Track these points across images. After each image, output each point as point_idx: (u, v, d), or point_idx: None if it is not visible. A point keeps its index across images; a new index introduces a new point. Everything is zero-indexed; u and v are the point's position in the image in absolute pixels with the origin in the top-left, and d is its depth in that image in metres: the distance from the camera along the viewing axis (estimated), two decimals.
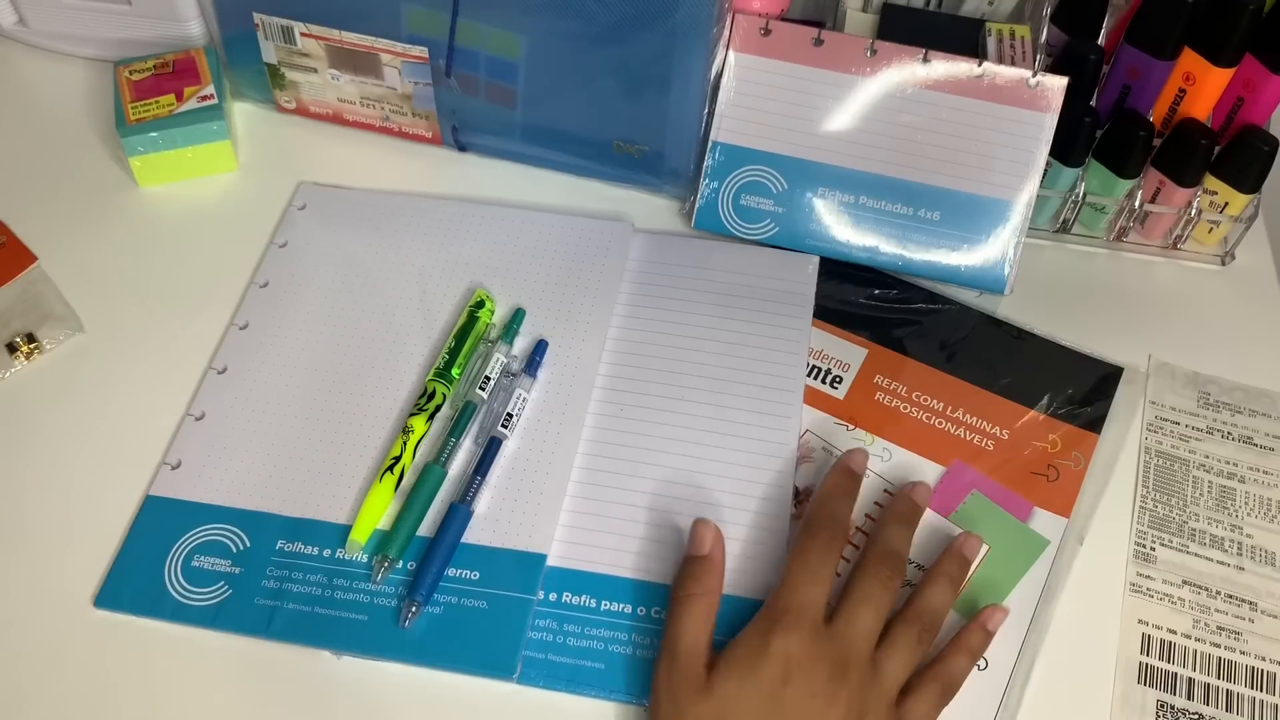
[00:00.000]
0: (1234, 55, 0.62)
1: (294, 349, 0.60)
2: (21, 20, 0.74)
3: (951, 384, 0.61)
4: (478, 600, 0.52)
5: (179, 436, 0.57)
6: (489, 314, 0.61)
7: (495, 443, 0.56)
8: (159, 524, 0.54)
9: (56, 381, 0.60)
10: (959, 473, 0.58)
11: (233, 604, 0.52)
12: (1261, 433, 0.60)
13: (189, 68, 0.69)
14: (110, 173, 0.69)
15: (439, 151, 0.70)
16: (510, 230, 0.65)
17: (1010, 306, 0.64)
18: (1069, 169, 0.64)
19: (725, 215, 0.65)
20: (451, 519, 0.54)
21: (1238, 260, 0.67)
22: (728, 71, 0.64)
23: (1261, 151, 0.62)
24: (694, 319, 0.62)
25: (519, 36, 0.62)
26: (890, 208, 0.63)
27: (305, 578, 0.53)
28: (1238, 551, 0.56)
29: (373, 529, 0.54)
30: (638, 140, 0.65)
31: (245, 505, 0.55)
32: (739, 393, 0.59)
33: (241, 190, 0.68)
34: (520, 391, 0.58)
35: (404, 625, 0.51)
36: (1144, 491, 0.58)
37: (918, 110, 0.62)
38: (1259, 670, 0.53)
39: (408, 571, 0.53)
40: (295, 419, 0.58)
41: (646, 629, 0.52)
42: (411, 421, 0.56)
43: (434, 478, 0.55)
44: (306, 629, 0.51)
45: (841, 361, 0.61)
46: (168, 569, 0.53)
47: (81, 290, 0.63)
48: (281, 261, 0.64)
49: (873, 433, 0.59)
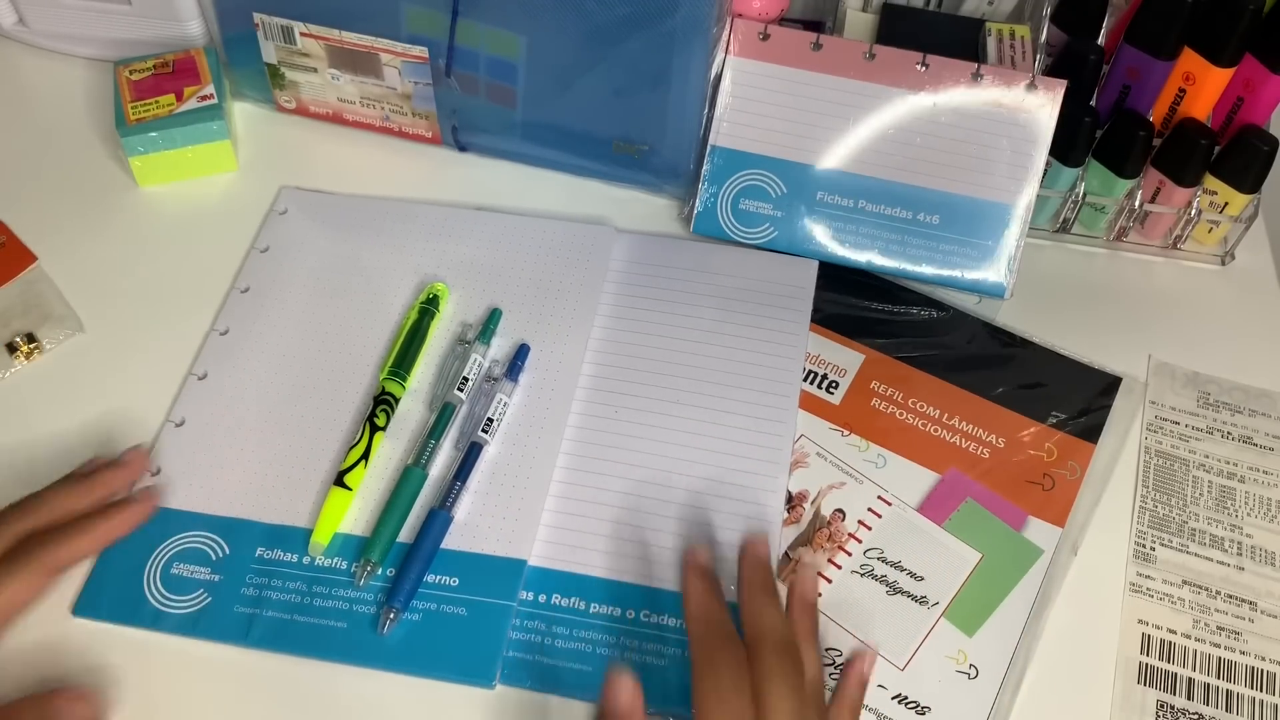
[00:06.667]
0: (1234, 55, 0.62)
1: (273, 355, 0.60)
2: (21, 20, 0.74)
3: (948, 391, 0.61)
4: (457, 607, 0.52)
5: (159, 442, 0.57)
6: (441, 302, 0.61)
7: (476, 448, 0.56)
8: (138, 531, 0.54)
9: (56, 381, 0.60)
10: (953, 481, 0.58)
11: (212, 611, 0.52)
12: (1261, 433, 0.60)
13: (189, 68, 0.69)
14: (110, 173, 0.69)
15: (439, 151, 0.70)
16: (492, 234, 0.65)
17: (1009, 307, 0.64)
18: (1069, 169, 0.64)
19: (724, 220, 0.65)
20: (431, 525, 0.54)
21: (1238, 260, 0.67)
22: (726, 76, 0.64)
23: (1261, 151, 0.62)
24: (690, 322, 0.62)
25: (519, 36, 0.62)
26: (889, 212, 0.63)
27: (284, 585, 0.53)
28: (1238, 551, 0.56)
29: (334, 531, 0.54)
30: (638, 140, 0.65)
31: (224, 512, 0.55)
32: (734, 396, 0.59)
33: (242, 190, 0.68)
34: (501, 396, 0.58)
35: (383, 632, 0.51)
36: (1144, 491, 0.58)
37: (916, 114, 0.62)
38: (1259, 670, 0.53)
39: (387, 578, 0.53)
40: (274, 425, 0.58)
41: (636, 632, 0.52)
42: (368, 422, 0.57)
43: (415, 480, 0.55)
44: (285, 636, 0.51)
45: (838, 366, 0.61)
46: (146, 577, 0.53)
47: (81, 290, 0.63)
48: (262, 267, 0.64)
49: (868, 439, 0.59)
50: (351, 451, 0.56)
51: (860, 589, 0.54)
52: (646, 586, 0.53)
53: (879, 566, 0.55)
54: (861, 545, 0.55)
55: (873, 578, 0.55)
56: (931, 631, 0.53)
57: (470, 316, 0.62)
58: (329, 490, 0.55)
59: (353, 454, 0.56)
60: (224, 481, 0.56)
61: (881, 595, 0.54)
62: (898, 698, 0.51)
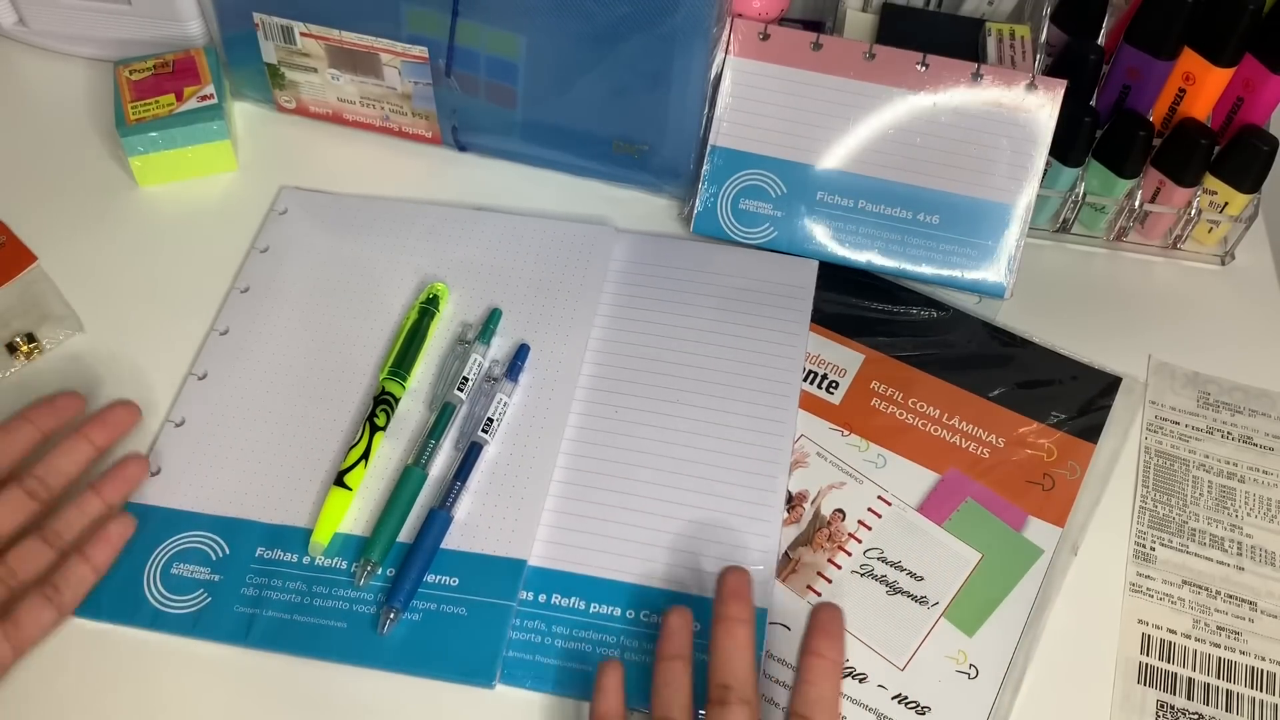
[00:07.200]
0: (1234, 55, 0.62)
1: (272, 354, 0.60)
2: (21, 20, 0.74)
3: (948, 391, 0.61)
4: (457, 607, 0.52)
5: (159, 442, 0.57)
6: (441, 302, 0.61)
7: (476, 448, 0.56)
8: (138, 531, 0.54)
9: (56, 381, 0.60)
10: (953, 481, 0.58)
11: (212, 611, 0.52)
12: (1261, 433, 0.60)
13: (189, 67, 0.69)
14: (110, 173, 0.69)
15: (439, 151, 0.70)
16: (492, 234, 0.65)
17: (1009, 307, 0.64)
18: (1069, 169, 0.64)
19: (724, 220, 0.65)
20: (431, 525, 0.54)
21: (1238, 260, 0.67)
22: (726, 76, 0.64)
23: (1261, 151, 0.62)
24: (690, 321, 0.62)
25: (519, 36, 0.62)
26: (889, 212, 0.63)
27: (284, 585, 0.53)
28: (1238, 551, 0.56)
29: (333, 531, 0.54)
30: (638, 140, 0.65)
31: (224, 512, 0.55)
32: (734, 396, 0.59)
33: (242, 190, 0.68)
34: (501, 396, 0.58)
35: (383, 632, 0.51)
36: (1144, 491, 0.58)
37: (916, 114, 0.62)
38: (1259, 670, 0.53)
39: (387, 578, 0.53)
40: (274, 425, 0.58)
41: (636, 632, 0.52)
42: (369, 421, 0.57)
43: (415, 480, 0.55)
44: (285, 636, 0.51)
45: (838, 366, 0.61)
46: (146, 577, 0.53)
47: (81, 290, 0.63)
48: (262, 266, 0.64)
49: (868, 439, 0.59)
50: (351, 451, 0.56)
51: (860, 589, 0.54)
52: (646, 586, 0.53)
53: (879, 566, 0.55)
54: (861, 545, 0.55)
55: (873, 578, 0.55)
56: (931, 631, 0.53)
57: (470, 316, 0.62)
58: (329, 490, 0.55)
59: (353, 454, 0.56)
60: (224, 481, 0.56)
61: (881, 595, 0.54)
62: (898, 698, 0.51)
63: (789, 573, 0.55)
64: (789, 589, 0.54)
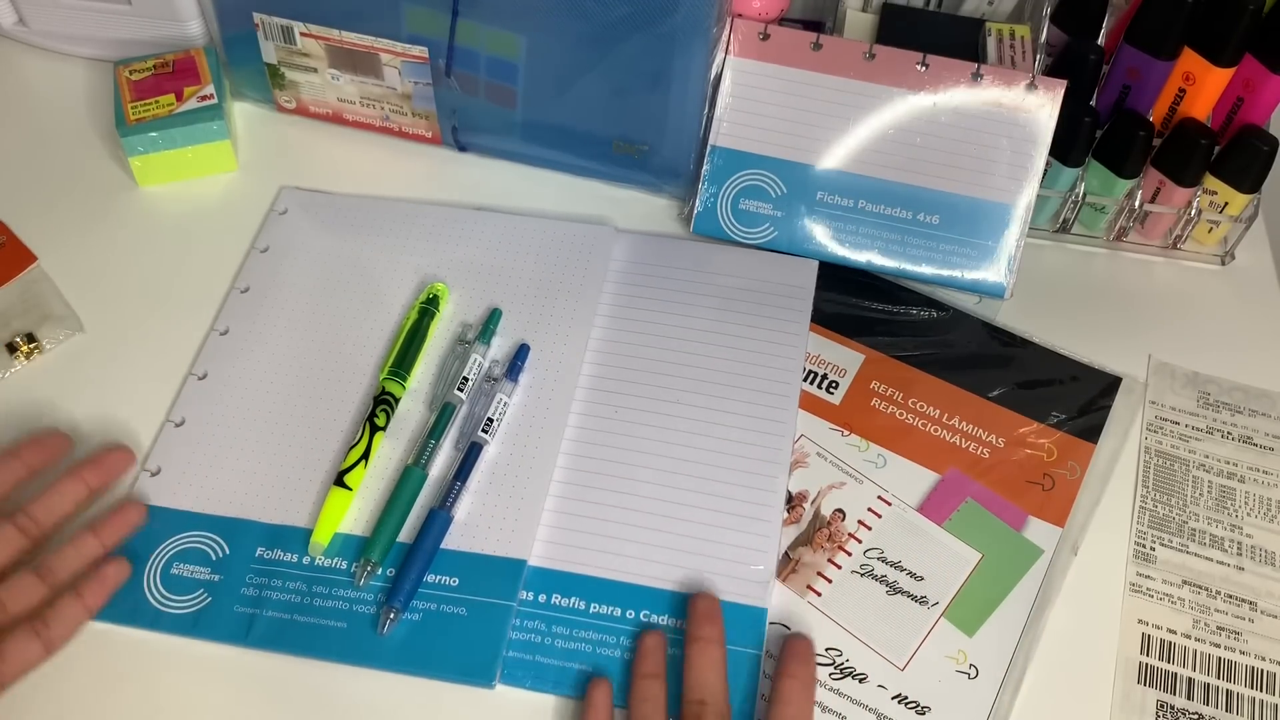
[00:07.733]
0: (1234, 55, 0.62)
1: (273, 355, 0.60)
2: (21, 20, 0.74)
3: (948, 391, 0.61)
4: (457, 607, 0.52)
5: (159, 443, 0.57)
6: (441, 302, 0.61)
7: (476, 448, 0.56)
8: (138, 532, 0.54)
9: (56, 381, 0.60)
10: (953, 481, 0.58)
11: (212, 612, 0.52)
12: (1261, 433, 0.60)
13: (189, 67, 0.69)
14: (110, 173, 0.69)
15: (439, 151, 0.70)
16: (492, 235, 0.65)
17: (1009, 307, 0.64)
18: (1069, 169, 0.64)
19: (724, 220, 0.65)
20: (431, 525, 0.54)
21: (1237, 260, 0.67)
22: (726, 76, 0.64)
23: (1261, 151, 0.62)
24: (690, 321, 0.62)
25: (519, 36, 0.62)
26: (889, 212, 0.63)
27: (284, 585, 0.53)
28: (1238, 551, 0.56)
29: (333, 531, 0.54)
30: (638, 140, 0.65)
31: (224, 512, 0.55)
32: (734, 396, 0.59)
33: (242, 190, 0.68)
34: (501, 396, 0.58)
35: (383, 632, 0.51)
36: (1144, 492, 0.58)
37: (916, 114, 0.62)
38: (1259, 670, 0.53)
39: (387, 578, 0.53)
40: (274, 425, 0.58)
41: (636, 633, 0.52)
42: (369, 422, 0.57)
43: (415, 480, 0.55)
44: (285, 636, 0.51)
45: (838, 366, 0.61)
46: (146, 577, 0.53)
47: (81, 290, 0.63)
48: (262, 266, 0.64)
49: (868, 439, 0.59)
50: (351, 451, 0.56)
51: (860, 589, 0.54)
52: (646, 586, 0.53)
53: (879, 566, 0.55)
54: (861, 545, 0.55)
55: (873, 578, 0.55)
56: (931, 631, 0.53)
57: (470, 316, 0.62)
58: (329, 490, 0.55)
59: (353, 454, 0.56)
60: (224, 481, 0.56)
61: (881, 595, 0.54)
62: (898, 698, 0.51)
63: (789, 573, 0.55)
64: (789, 589, 0.54)
